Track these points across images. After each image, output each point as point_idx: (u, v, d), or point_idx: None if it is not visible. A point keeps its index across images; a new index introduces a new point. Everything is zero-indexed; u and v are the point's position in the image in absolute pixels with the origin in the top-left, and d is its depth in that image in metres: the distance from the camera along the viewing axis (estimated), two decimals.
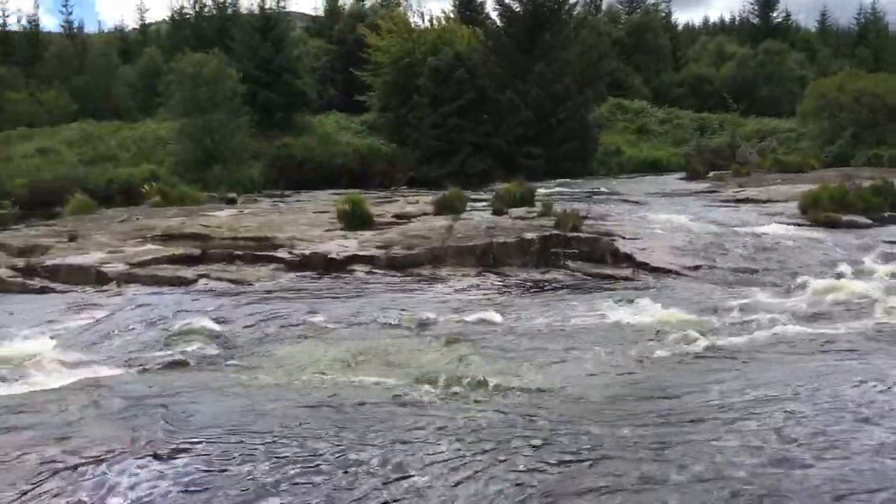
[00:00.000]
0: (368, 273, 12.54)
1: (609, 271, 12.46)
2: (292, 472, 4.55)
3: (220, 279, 12.34)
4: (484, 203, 21.24)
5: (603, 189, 29.69)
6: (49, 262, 13.60)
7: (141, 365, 7.72)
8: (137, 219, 19.63)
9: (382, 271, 12.63)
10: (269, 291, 11.35)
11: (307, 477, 4.47)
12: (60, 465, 4.59)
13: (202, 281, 12.26)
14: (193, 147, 36.83)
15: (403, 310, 9.62)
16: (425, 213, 18.54)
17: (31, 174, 33.16)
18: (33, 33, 67.32)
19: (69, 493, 4.27)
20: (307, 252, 13.45)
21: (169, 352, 8.14)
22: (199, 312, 9.69)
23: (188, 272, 12.69)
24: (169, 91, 38.71)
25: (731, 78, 61.98)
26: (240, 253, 13.85)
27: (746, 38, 71.58)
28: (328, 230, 16.10)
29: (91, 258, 13.74)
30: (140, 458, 4.72)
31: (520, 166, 36.97)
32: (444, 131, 40.91)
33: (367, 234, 15.11)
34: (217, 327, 8.89)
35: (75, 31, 74.07)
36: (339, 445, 4.90)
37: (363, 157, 42.54)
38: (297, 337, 8.59)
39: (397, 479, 4.39)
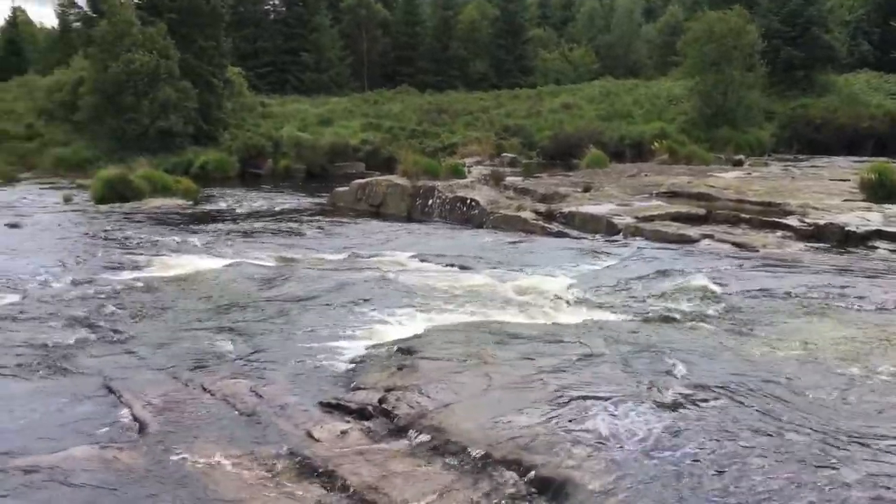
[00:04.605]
0: (894, 251, 11.20)
1: None
2: (793, 448, 4.37)
3: (723, 241, 12.19)
4: None
5: None
6: (566, 210, 14.92)
7: (642, 314, 8.07)
8: (645, 175, 20.37)
9: None
10: (774, 259, 10.86)
11: (806, 463, 4.25)
12: (574, 395, 5.09)
13: (705, 241, 12.25)
14: (703, 106, 36.54)
15: None
16: None
17: (555, 127, 36.44)
18: None
19: (579, 421, 4.71)
20: (821, 222, 12.50)
21: (668, 305, 8.34)
22: (699, 272, 9.72)
23: (691, 231, 12.79)
24: (684, 49, 38.84)
25: None
26: (746, 216, 13.49)
27: None
28: (847, 200, 14.74)
29: (602, 209, 14.68)
30: (643, 403, 4.99)
31: None
32: None
33: None
34: (717, 289, 8.80)
35: None
36: (852, 439, 4.54)
37: (895, 120, 37.64)
38: (802, 310, 8.07)
39: None
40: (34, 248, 12.79)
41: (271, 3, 57.25)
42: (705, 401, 5.10)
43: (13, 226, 15.32)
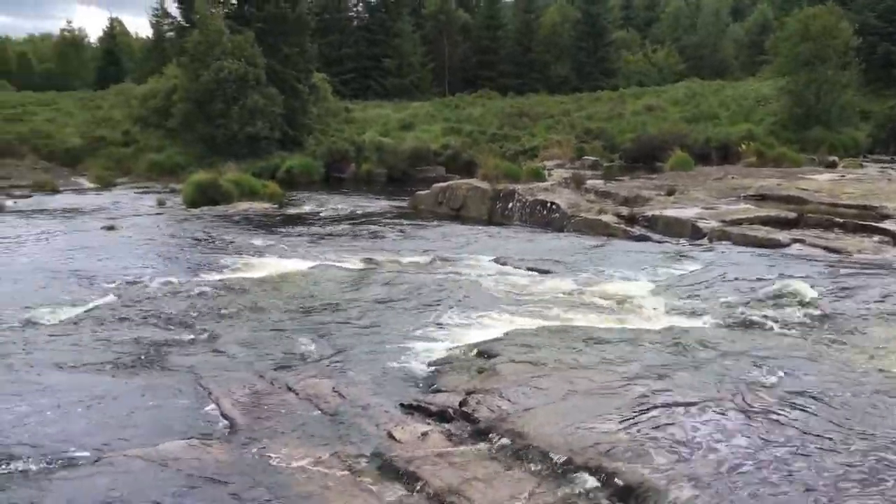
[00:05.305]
0: None
1: None
2: (888, 467, 4.18)
3: (814, 245, 11.76)
4: None
5: None
6: (649, 213, 14.65)
7: (728, 320, 7.86)
8: (732, 177, 19.82)
9: None
10: (870, 264, 10.41)
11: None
12: (657, 401, 5.00)
13: (796, 246, 11.85)
14: (792, 106, 35.24)
15: None
16: None
17: (638, 130, 35.79)
18: None
19: (662, 428, 4.61)
20: None
21: (755, 311, 8.10)
22: (790, 277, 9.40)
23: (781, 235, 12.39)
24: (775, 48, 37.59)
25: None
26: (839, 220, 12.98)
27: None
28: None
29: (687, 212, 14.36)
30: (729, 411, 4.86)
31: None
32: None
33: None
34: (809, 295, 8.49)
35: None
36: None
37: None
38: None
39: None
40: (129, 251, 13.34)
41: (355, 10, 58.24)
42: (795, 410, 4.94)
43: (110, 228, 16.01)
